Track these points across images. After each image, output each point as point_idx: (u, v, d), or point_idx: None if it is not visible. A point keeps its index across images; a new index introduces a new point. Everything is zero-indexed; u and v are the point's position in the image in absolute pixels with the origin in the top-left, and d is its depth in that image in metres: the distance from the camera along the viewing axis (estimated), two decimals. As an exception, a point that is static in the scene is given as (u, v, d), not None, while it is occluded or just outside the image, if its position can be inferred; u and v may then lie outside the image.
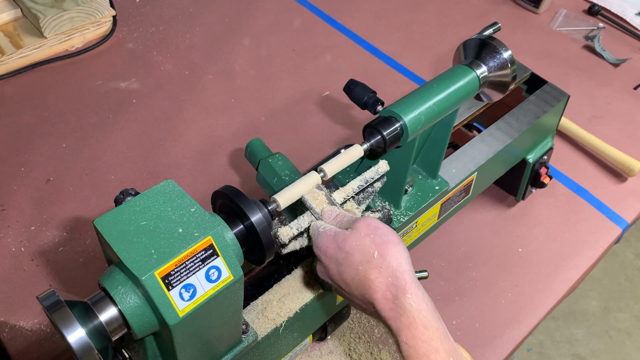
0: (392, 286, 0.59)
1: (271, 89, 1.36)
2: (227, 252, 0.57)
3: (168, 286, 0.54)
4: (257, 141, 0.89)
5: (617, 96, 1.43)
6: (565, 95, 1.04)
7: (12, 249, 1.03)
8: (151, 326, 0.57)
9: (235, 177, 1.19)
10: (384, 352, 0.96)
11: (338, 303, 0.85)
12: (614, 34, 1.60)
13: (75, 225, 1.07)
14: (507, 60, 0.78)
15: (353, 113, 1.32)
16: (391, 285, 0.59)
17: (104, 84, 1.33)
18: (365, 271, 0.61)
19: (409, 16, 1.59)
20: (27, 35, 1.34)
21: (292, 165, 0.81)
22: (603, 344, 2.07)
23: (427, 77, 1.43)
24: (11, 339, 0.92)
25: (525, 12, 1.64)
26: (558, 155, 1.26)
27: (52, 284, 0.99)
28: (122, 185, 1.15)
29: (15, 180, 1.14)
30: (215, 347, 0.65)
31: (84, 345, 0.52)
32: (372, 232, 0.62)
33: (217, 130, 1.26)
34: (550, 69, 1.47)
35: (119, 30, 1.45)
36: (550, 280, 1.08)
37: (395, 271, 0.60)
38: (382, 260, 0.60)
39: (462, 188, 0.93)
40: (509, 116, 1.01)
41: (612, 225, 1.17)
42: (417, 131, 0.74)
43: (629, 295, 2.20)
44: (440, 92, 0.76)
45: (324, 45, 1.48)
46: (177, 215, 0.58)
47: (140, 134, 1.24)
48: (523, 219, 1.17)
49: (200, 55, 1.43)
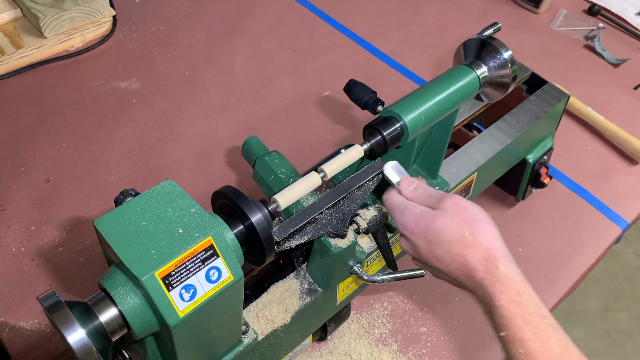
0: (485, 260, 0.61)
1: (271, 89, 1.36)
2: (227, 252, 0.57)
3: (168, 287, 0.54)
4: (253, 139, 0.88)
5: (617, 96, 1.42)
6: (565, 95, 1.04)
7: (12, 249, 1.03)
8: (151, 327, 0.57)
9: (235, 177, 1.19)
10: (384, 352, 0.96)
11: (338, 303, 0.85)
12: (614, 34, 1.60)
13: (75, 225, 1.07)
14: (507, 60, 0.78)
15: (353, 113, 1.32)
16: (484, 260, 0.61)
17: (104, 84, 1.33)
18: (458, 249, 0.63)
19: (409, 16, 1.59)
20: (27, 35, 1.34)
21: (289, 163, 0.81)
22: (603, 344, 2.07)
23: (427, 77, 1.43)
24: (11, 339, 0.92)
25: (525, 12, 1.64)
26: (558, 155, 1.26)
27: (52, 284, 0.99)
28: (122, 185, 1.14)
29: (15, 180, 1.14)
30: (216, 347, 0.65)
31: (84, 346, 0.52)
32: (461, 212, 0.64)
33: (217, 130, 1.26)
34: (550, 69, 1.47)
35: (119, 30, 1.45)
36: (550, 280, 1.08)
37: (488, 248, 0.62)
38: (474, 239, 0.62)
39: (462, 188, 0.93)
40: (509, 116, 1.01)
41: (612, 225, 1.17)
42: (417, 131, 0.74)
43: (629, 295, 2.20)
44: (440, 92, 0.76)
45: (324, 45, 1.48)
46: (177, 215, 0.58)
47: (140, 134, 1.24)
48: (523, 219, 1.17)
49: (200, 55, 1.42)
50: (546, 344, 0.57)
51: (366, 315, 1.00)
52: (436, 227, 0.64)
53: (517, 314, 0.59)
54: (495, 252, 0.62)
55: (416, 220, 0.65)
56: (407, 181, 0.70)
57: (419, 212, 0.66)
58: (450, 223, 0.63)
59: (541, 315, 0.59)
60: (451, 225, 0.63)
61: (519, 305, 0.59)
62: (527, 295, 0.60)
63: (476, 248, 0.62)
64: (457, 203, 0.65)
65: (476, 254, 0.62)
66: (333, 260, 0.72)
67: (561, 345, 0.58)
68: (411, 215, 0.66)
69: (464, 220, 0.63)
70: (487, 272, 0.61)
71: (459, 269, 0.63)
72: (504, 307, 0.59)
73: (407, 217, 0.66)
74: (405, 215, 0.66)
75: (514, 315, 0.59)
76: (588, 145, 1.32)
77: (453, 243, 0.63)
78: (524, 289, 0.60)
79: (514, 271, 0.61)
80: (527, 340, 0.57)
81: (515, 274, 0.61)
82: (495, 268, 0.61)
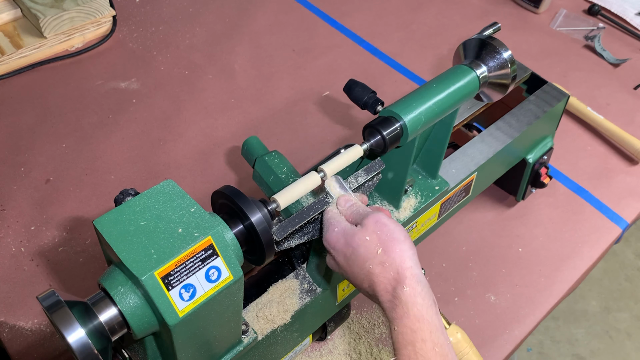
0: (393, 280, 0.62)
1: (271, 89, 1.36)
2: (227, 252, 0.57)
3: (168, 286, 0.54)
4: (253, 139, 0.88)
5: (617, 96, 1.42)
6: (565, 95, 1.04)
7: (12, 249, 1.03)
8: (151, 326, 0.57)
9: (235, 176, 1.19)
10: (384, 352, 0.96)
11: (338, 303, 0.85)
12: (614, 34, 1.60)
13: (75, 225, 1.08)
14: (507, 60, 0.78)
15: (353, 113, 1.32)
16: (392, 280, 0.62)
17: (104, 84, 1.33)
18: (370, 266, 0.63)
19: (409, 16, 1.59)
20: (27, 35, 1.34)
21: (289, 163, 0.81)
22: (603, 344, 2.07)
23: (427, 77, 1.43)
24: (11, 339, 0.92)
25: (525, 12, 1.64)
26: (558, 155, 1.26)
27: (52, 284, 0.99)
28: (122, 185, 1.15)
29: (15, 180, 1.14)
30: (215, 347, 0.65)
31: (83, 346, 0.52)
32: (379, 229, 0.64)
33: (217, 130, 1.26)
34: (550, 69, 1.47)
35: (119, 30, 1.45)
36: (550, 280, 1.08)
37: (398, 267, 0.62)
38: (386, 257, 0.62)
39: (462, 188, 0.93)
40: (509, 116, 1.01)
41: (612, 225, 1.17)
42: (417, 131, 0.74)
43: (629, 295, 2.20)
44: (440, 92, 0.76)
45: (324, 45, 1.48)
46: (177, 215, 0.58)
47: (140, 134, 1.24)
48: (523, 219, 1.17)
49: (200, 55, 1.43)
50: None
51: (366, 315, 1.00)
52: (354, 244, 0.64)
53: (409, 342, 0.59)
54: (404, 272, 0.61)
55: (337, 237, 0.66)
56: (344, 198, 0.69)
57: (342, 228, 0.66)
58: (367, 241, 0.63)
59: (434, 344, 0.59)
60: (367, 242, 0.63)
61: (413, 332, 0.59)
62: (425, 322, 0.60)
63: (387, 267, 0.62)
64: (378, 220, 0.64)
65: (386, 274, 0.62)
66: (333, 260, 0.72)
67: None
68: (334, 231, 0.66)
69: (380, 238, 0.63)
70: (392, 293, 0.61)
71: (370, 286, 0.63)
72: (399, 334, 0.60)
73: (331, 233, 0.66)
74: (329, 231, 0.67)
75: (407, 343, 0.59)
76: (588, 145, 1.32)
77: (366, 260, 0.63)
78: (425, 313, 0.60)
79: (418, 293, 0.61)
80: None
81: (419, 296, 0.61)
82: (400, 289, 0.61)
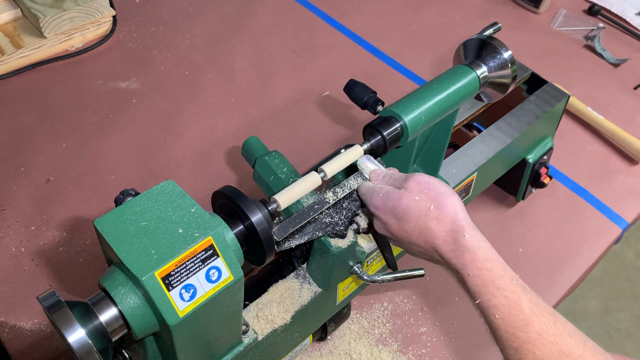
0: (451, 232, 0.65)
1: (271, 89, 1.36)
2: (227, 252, 0.57)
3: (168, 286, 0.54)
4: (253, 139, 0.88)
5: (617, 96, 1.42)
6: (565, 95, 1.04)
7: (12, 249, 1.03)
8: (151, 326, 0.57)
9: (235, 177, 1.19)
10: (384, 352, 0.96)
11: (338, 303, 0.85)
12: (614, 34, 1.60)
13: (75, 225, 1.07)
14: (507, 60, 0.78)
15: (353, 113, 1.32)
16: (450, 231, 0.65)
17: (104, 84, 1.33)
18: (425, 223, 0.66)
19: (409, 16, 1.59)
20: (27, 35, 1.34)
21: (289, 163, 0.81)
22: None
23: (427, 77, 1.43)
24: (11, 339, 0.92)
25: (525, 12, 1.64)
26: (558, 155, 1.26)
27: (52, 284, 0.99)
28: (122, 185, 1.14)
29: (15, 180, 1.14)
30: (216, 347, 0.65)
31: (84, 346, 0.52)
32: (425, 188, 0.67)
33: (217, 130, 1.26)
34: (550, 69, 1.47)
35: (119, 30, 1.45)
36: (550, 280, 1.08)
37: (453, 219, 0.65)
38: (439, 212, 0.65)
39: (462, 188, 0.93)
40: (509, 116, 1.01)
41: (612, 225, 1.17)
42: (417, 131, 0.74)
43: (629, 295, 2.20)
44: (440, 92, 0.76)
45: (324, 45, 1.48)
46: (177, 215, 0.58)
47: (140, 134, 1.24)
48: (523, 219, 1.17)
49: (200, 55, 1.43)
50: (519, 305, 0.61)
51: (366, 315, 1.00)
52: (403, 205, 0.67)
53: (489, 280, 0.62)
54: (460, 222, 0.65)
55: (383, 200, 0.69)
56: (376, 172, 0.73)
57: (385, 192, 0.69)
58: (416, 200, 0.66)
59: (510, 277, 0.63)
60: (416, 202, 0.66)
61: (489, 271, 0.62)
62: (495, 260, 0.63)
63: (442, 220, 0.65)
64: (420, 180, 0.68)
65: (443, 226, 0.65)
66: (333, 260, 0.72)
67: (532, 303, 0.61)
68: (379, 196, 0.70)
69: (428, 196, 0.66)
70: (455, 242, 0.64)
71: (428, 241, 0.66)
72: (475, 276, 0.63)
73: (376, 198, 0.70)
74: (374, 197, 0.70)
75: (486, 282, 0.62)
76: (588, 145, 1.32)
77: (420, 217, 0.66)
78: (491, 253, 0.64)
79: (479, 238, 0.64)
80: (501, 306, 0.61)
81: (481, 241, 0.64)
82: (462, 237, 0.64)
